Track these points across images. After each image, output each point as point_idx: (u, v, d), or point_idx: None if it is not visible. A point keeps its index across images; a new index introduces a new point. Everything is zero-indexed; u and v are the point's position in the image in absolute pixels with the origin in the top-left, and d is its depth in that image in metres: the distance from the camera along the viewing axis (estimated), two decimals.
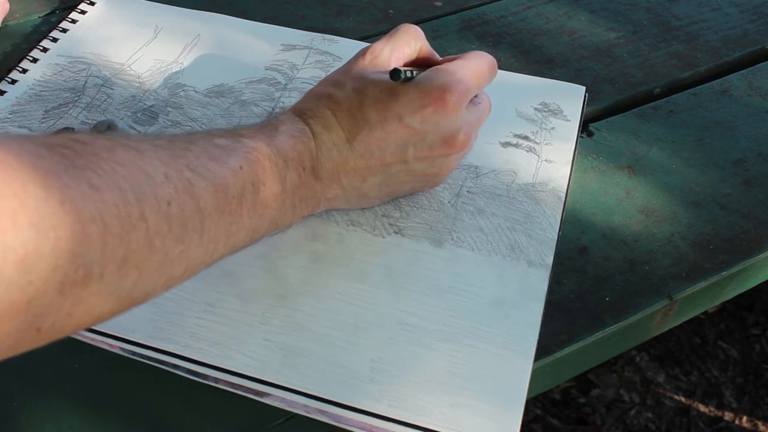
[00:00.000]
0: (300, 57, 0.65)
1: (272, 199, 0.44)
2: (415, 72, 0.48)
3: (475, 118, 0.50)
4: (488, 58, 0.51)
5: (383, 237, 0.51)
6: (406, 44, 0.51)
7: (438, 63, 0.52)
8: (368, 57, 0.50)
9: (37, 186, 0.30)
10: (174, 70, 0.64)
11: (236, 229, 0.41)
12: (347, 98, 0.48)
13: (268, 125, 0.46)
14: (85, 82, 0.62)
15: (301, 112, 0.48)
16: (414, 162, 0.49)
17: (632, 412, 1.25)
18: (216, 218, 0.39)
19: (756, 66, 0.68)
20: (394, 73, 0.46)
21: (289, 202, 0.46)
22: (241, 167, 0.41)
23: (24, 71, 0.63)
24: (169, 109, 0.60)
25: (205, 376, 0.44)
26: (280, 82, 0.63)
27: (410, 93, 0.47)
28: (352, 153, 0.47)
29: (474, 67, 0.49)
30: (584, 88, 0.63)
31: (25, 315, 0.30)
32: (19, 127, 0.58)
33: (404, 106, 0.47)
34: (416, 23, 0.70)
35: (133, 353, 0.45)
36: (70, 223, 0.31)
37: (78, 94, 0.61)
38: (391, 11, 0.72)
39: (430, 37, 0.54)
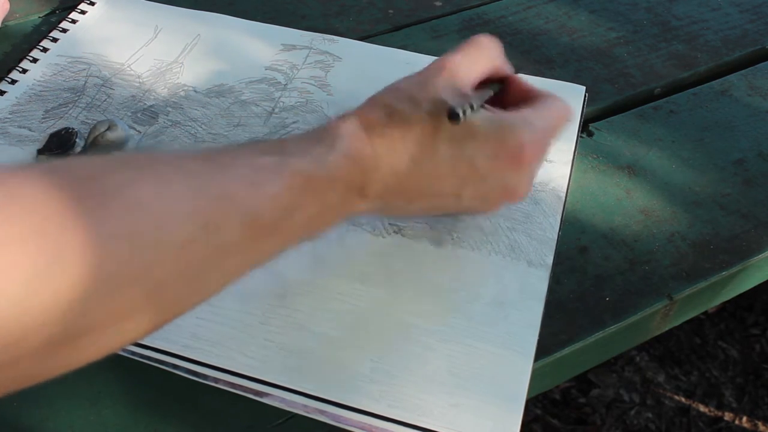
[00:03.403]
0: (300, 57, 0.65)
1: (307, 221, 0.41)
2: (476, 105, 0.43)
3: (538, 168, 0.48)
4: (569, 108, 0.48)
5: (383, 237, 0.51)
6: (483, 58, 0.48)
7: (510, 79, 0.50)
8: (446, 74, 0.46)
9: (38, 235, 0.29)
10: (174, 70, 0.64)
11: (260, 253, 0.39)
12: (421, 121, 0.44)
13: (327, 137, 0.42)
14: (85, 82, 0.62)
15: (369, 124, 0.44)
16: (467, 199, 0.47)
17: (632, 412, 1.25)
18: (242, 248, 0.37)
19: (756, 66, 0.68)
20: (453, 115, 0.42)
21: (327, 219, 0.43)
22: (279, 194, 0.39)
23: (24, 71, 0.63)
24: (169, 109, 0.60)
25: (205, 376, 0.44)
26: (280, 82, 0.63)
27: (488, 137, 0.44)
28: (410, 180, 0.44)
29: (556, 117, 0.47)
30: (584, 88, 0.63)
31: (8, 373, 0.30)
32: (19, 127, 0.58)
33: (479, 149, 0.44)
34: (416, 23, 0.71)
35: (133, 353, 0.45)
36: (69, 275, 0.29)
37: (78, 94, 0.61)
38: (391, 11, 0.72)
39: (430, 37, 0.54)
